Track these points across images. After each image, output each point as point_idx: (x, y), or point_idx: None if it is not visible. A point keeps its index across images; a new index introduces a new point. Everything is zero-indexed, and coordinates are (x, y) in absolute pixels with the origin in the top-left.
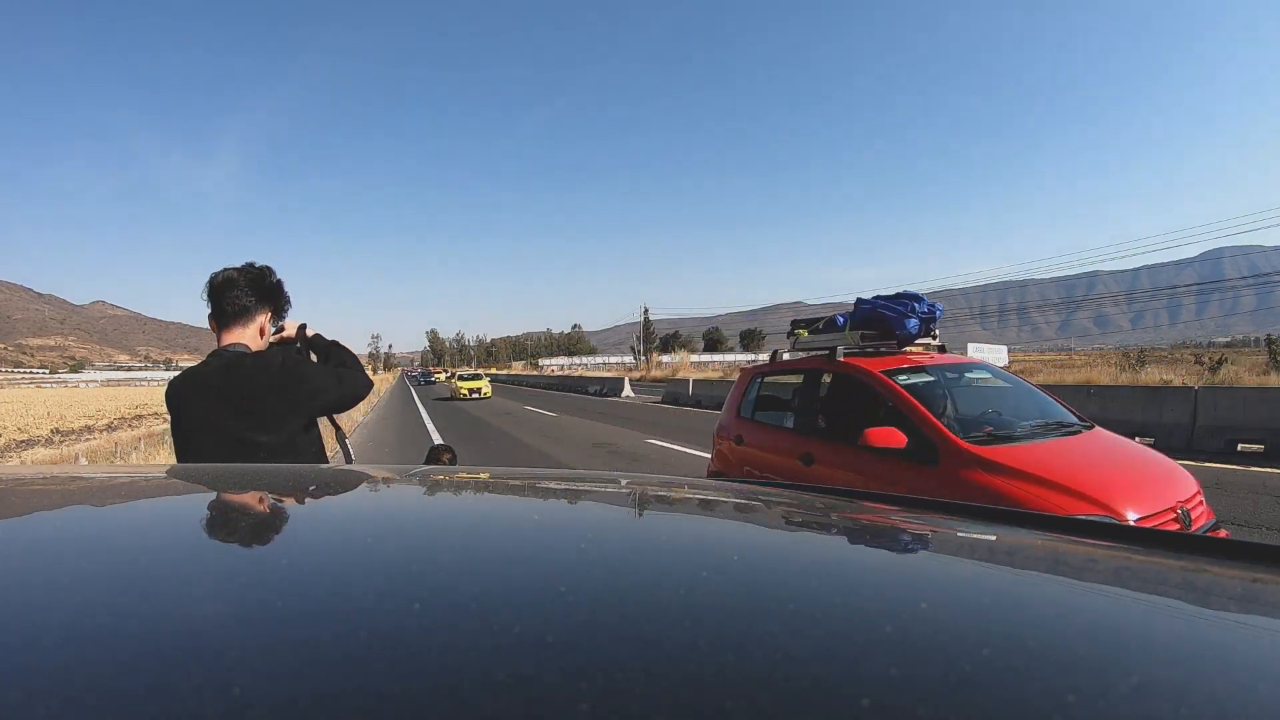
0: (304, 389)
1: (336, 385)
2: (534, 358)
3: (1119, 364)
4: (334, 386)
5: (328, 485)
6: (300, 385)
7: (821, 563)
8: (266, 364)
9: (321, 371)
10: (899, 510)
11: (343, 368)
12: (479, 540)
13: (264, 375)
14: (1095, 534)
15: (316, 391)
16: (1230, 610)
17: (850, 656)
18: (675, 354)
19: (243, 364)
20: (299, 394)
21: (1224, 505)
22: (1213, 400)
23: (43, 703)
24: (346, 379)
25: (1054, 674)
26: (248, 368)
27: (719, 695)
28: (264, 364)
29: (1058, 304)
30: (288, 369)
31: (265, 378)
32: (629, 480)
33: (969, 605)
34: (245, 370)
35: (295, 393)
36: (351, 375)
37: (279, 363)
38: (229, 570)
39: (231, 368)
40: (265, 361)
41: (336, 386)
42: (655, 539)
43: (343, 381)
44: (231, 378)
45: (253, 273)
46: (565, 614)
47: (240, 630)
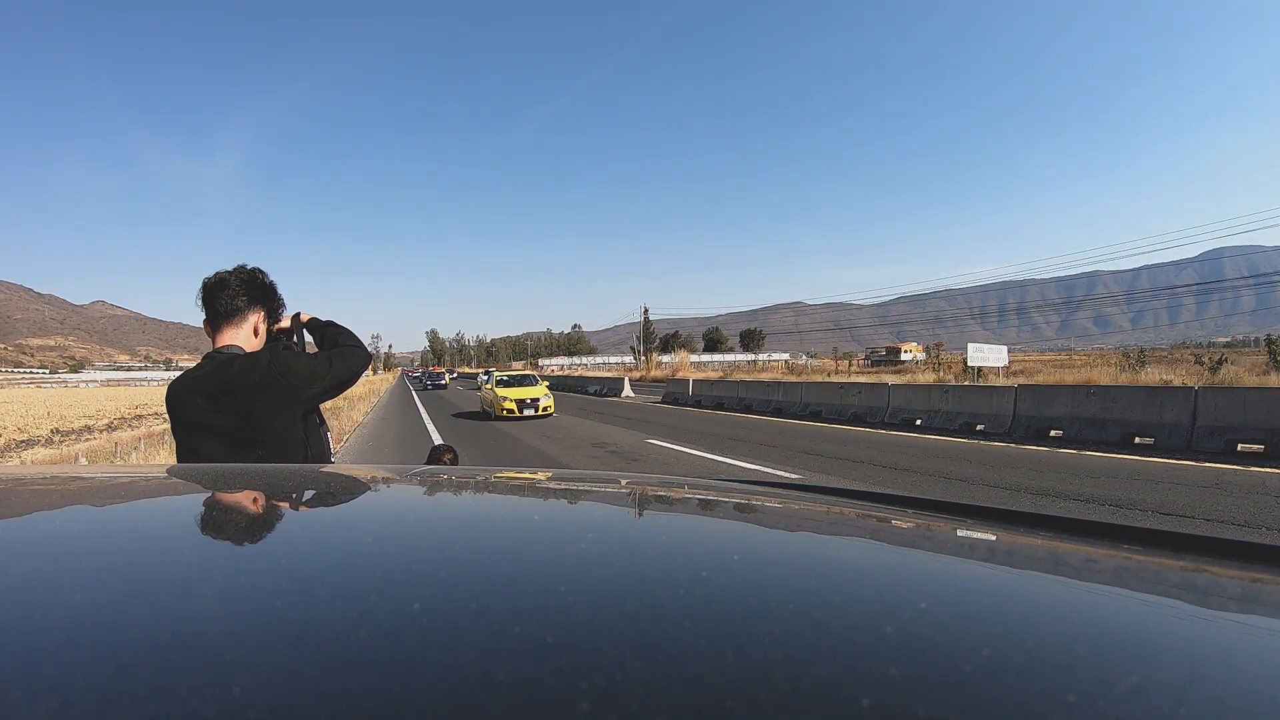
0: (291, 384)
1: (328, 371)
2: (534, 358)
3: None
4: (325, 373)
5: (328, 485)
6: (288, 380)
7: (821, 562)
8: (254, 364)
9: (309, 361)
10: (899, 510)
11: (338, 348)
12: (479, 540)
13: (251, 375)
14: (1095, 534)
15: (305, 383)
16: (1230, 610)
17: (850, 656)
18: (675, 354)
19: (231, 366)
20: (287, 390)
21: (1224, 505)
22: (1212, 400)
23: (43, 703)
24: (337, 361)
25: (1054, 674)
26: (235, 369)
27: (719, 695)
28: (251, 364)
29: (1058, 304)
30: (274, 366)
31: (252, 378)
32: (629, 480)
33: (969, 605)
34: (233, 372)
35: (283, 389)
36: (344, 355)
37: (265, 362)
38: (229, 570)
39: (221, 370)
40: (253, 362)
41: (328, 372)
42: (655, 539)
43: (333, 365)
44: (221, 380)
45: (244, 274)
46: (565, 614)
47: (240, 630)
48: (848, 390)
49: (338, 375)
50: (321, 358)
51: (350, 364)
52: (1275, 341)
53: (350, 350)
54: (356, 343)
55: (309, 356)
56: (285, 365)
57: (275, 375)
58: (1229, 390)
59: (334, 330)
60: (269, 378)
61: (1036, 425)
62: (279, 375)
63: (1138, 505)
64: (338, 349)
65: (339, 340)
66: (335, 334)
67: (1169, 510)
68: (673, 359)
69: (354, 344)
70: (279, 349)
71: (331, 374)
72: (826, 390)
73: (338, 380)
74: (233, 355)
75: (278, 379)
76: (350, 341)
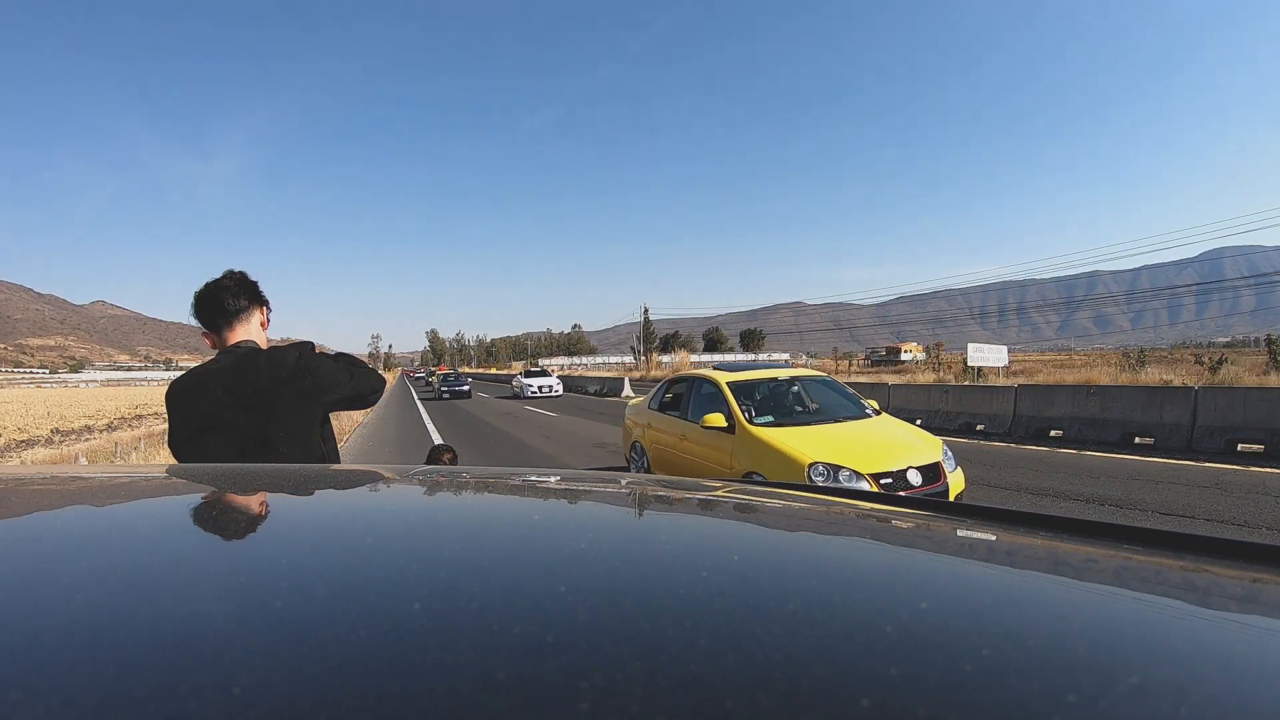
0: (318, 383)
1: (349, 380)
2: (534, 358)
3: (1119, 364)
4: (346, 382)
5: (328, 485)
6: (315, 379)
7: (821, 563)
8: (282, 358)
9: (334, 367)
10: (899, 510)
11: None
12: (479, 540)
13: (279, 369)
14: (1095, 534)
15: (331, 386)
16: (1230, 610)
17: (850, 656)
18: (675, 354)
19: (256, 360)
20: (312, 388)
21: (1224, 505)
22: (1212, 400)
23: (43, 703)
24: (359, 375)
25: (1054, 674)
26: (262, 361)
27: (719, 695)
28: (280, 358)
29: (1058, 304)
30: (303, 362)
31: (280, 370)
32: (629, 480)
33: (969, 605)
34: (259, 366)
35: (308, 387)
36: (365, 373)
37: (294, 358)
38: (229, 570)
39: (245, 363)
40: (280, 357)
41: (349, 382)
42: (655, 539)
43: (355, 377)
44: (245, 373)
45: (236, 276)
46: (565, 614)
47: (240, 630)
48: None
49: (358, 387)
50: (344, 368)
51: (370, 382)
52: (1275, 341)
53: (369, 371)
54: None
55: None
56: (314, 363)
57: (303, 370)
58: (1229, 390)
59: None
60: (297, 372)
61: (1036, 425)
62: (307, 371)
63: (1138, 505)
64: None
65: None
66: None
67: (1169, 510)
68: (673, 359)
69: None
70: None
71: (353, 384)
72: None
73: (358, 392)
74: (254, 348)
75: (305, 374)
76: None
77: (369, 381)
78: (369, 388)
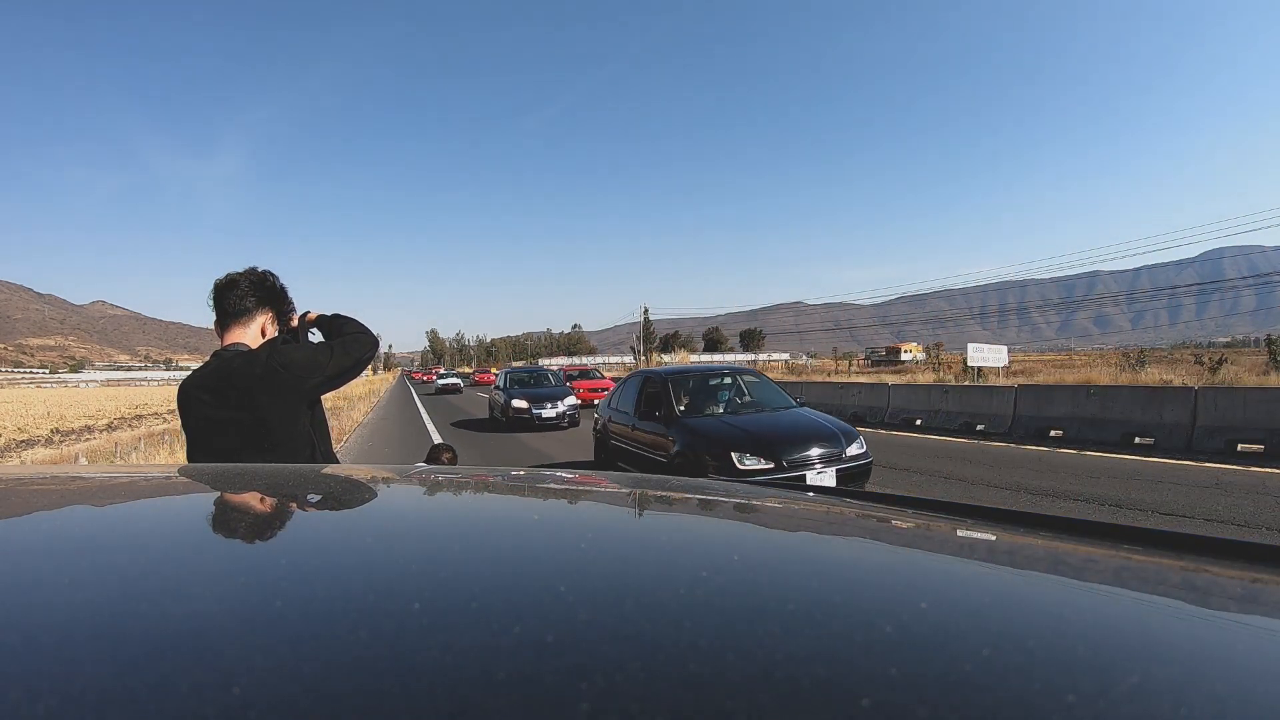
0: (292, 374)
1: (329, 359)
2: (534, 358)
3: (1119, 364)
4: (327, 361)
5: (327, 485)
6: (288, 371)
7: (821, 562)
8: (254, 359)
9: (310, 351)
10: (899, 510)
11: (341, 337)
12: (479, 540)
13: (251, 369)
14: (1095, 534)
15: (307, 373)
16: (1230, 610)
17: (850, 656)
18: (675, 354)
19: (233, 362)
20: (289, 381)
21: (1224, 505)
22: (1212, 400)
23: (44, 703)
24: (339, 349)
25: (1054, 674)
26: (236, 365)
27: (719, 695)
28: (251, 359)
29: (1058, 304)
30: (273, 359)
31: (252, 371)
32: (629, 480)
33: (969, 605)
34: (234, 368)
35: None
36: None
37: (264, 355)
38: (229, 570)
39: (224, 366)
40: (253, 357)
41: (330, 360)
42: (655, 539)
43: (335, 353)
44: (225, 376)
45: (255, 276)
46: (565, 614)
47: (240, 630)
48: (848, 390)
49: (340, 363)
50: (323, 347)
51: (352, 351)
52: (1275, 341)
53: (353, 337)
54: (361, 329)
55: (310, 347)
56: (284, 357)
57: (275, 367)
58: (1229, 390)
59: (339, 321)
60: (269, 370)
61: (1036, 425)
62: (278, 367)
63: (1138, 505)
64: (341, 338)
65: (343, 329)
66: (340, 324)
67: (1169, 510)
68: (673, 359)
69: (358, 330)
70: (277, 343)
71: (334, 361)
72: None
73: (340, 368)
74: (236, 352)
75: (277, 370)
76: (354, 329)
77: (351, 353)
78: (351, 359)
